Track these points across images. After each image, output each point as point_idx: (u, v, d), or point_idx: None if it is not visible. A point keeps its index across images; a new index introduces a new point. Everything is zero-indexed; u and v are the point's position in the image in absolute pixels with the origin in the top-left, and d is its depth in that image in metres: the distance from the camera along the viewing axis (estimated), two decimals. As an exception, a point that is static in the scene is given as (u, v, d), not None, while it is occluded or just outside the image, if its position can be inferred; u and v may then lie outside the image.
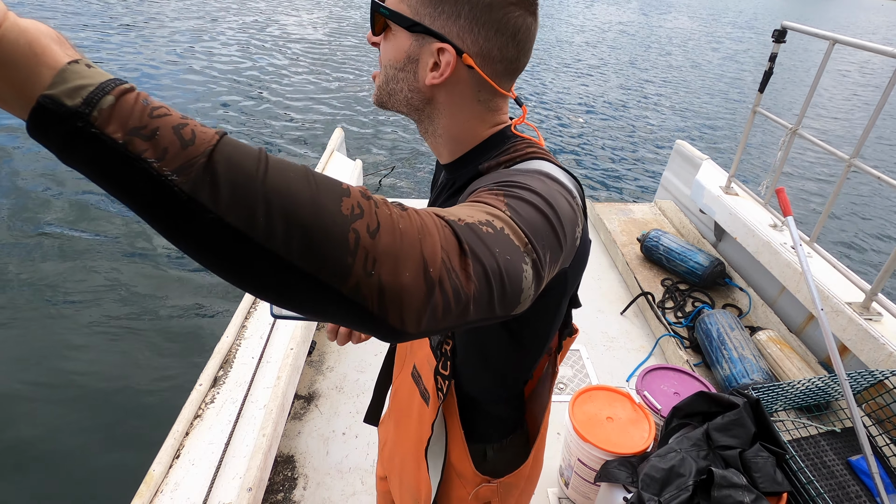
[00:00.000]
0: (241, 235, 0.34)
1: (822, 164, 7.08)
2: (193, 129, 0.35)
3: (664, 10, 28.35)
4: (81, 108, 0.32)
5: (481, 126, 0.72)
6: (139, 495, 1.44)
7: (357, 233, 0.37)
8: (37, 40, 0.33)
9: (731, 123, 8.71)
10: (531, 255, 0.48)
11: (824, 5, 64.27)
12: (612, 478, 1.28)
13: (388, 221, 0.38)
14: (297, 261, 0.35)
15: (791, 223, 1.78)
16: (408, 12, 0.64)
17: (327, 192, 0.37)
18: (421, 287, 0.38)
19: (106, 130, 0.32)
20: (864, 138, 2.01)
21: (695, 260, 2.64)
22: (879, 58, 16.13)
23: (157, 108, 0.35)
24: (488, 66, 0.65)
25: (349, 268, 0.36)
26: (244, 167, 0.35)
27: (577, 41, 15.13)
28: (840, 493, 1.38)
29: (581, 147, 6.93)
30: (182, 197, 0.33)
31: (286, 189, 0.36)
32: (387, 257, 0.37)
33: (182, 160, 0.33)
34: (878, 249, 5.16)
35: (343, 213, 0.37)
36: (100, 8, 10.97)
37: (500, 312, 0.46)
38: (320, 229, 0.36)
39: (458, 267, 0.41)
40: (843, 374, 1.40)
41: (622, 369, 2.20)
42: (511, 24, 0.63)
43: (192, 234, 0.35)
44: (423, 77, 0.66)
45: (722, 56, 15.24)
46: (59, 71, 0.33)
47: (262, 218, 0.35)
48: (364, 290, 0.37)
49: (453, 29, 0.63)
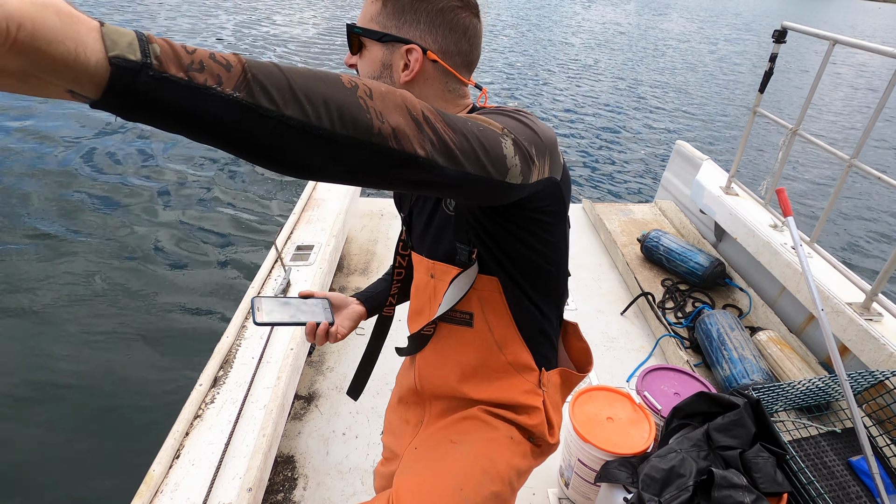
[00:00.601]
0: (301, 123, 0.44)
1: (822, 164, 7.08)
2: (221, 54, 0.41)
3: (662, 11, 28.36)
4: (144, 60, 0.36)
5: (452, 109, 0.84)
6: (139, 495, 1.44)
7: (363, 98, 0.48)
8: (60, 9, 0.34)
9: (732, 124, 8.70)
10: (509, 135, 0.62)
11: (822, 7, 64.30)
12: (613, 478, 1.28)
13: (374, 85, 0.51)
14: (340, 130, 0.46)
15: (791, 223, 1.78)
16: (377, 27, 0.78)
17: (330, 78, 0.48)
18: (412, 124, 0.52)
19: (171, 72, 0.37)
20: (864, 138, 2.01)
21: (695, 260, 2.64)
22: (877, 59, 16.15)
23: (183, 45, 0.40)
24: (449, 59, 0.80)
25: (370, 121, 0.48)
26: (273, 73, 0.43)
27: (575, 42, 15.12)
28: (840, 493, 1.38)
29: (581, 147, 6.93)
30: (252, 107, 0.41)
31: (308, 82, 0.45)
32: (385, 108, 0.50)
33: (235, 80, 0.41)
34: (879, 250, 5.15)
35: (347, 87, 0.48)
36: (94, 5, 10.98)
37: (494, 174, 0.59)
38: (345, 104, 0.47)
39: (434, 118, 0.54)
40: (843, 375, 1.40)
41: (622, 369, 2.20)
42: (461, 24, 0.78)
43: (265, 138, 0.43)
44: (397, 78, 0.79)
45: (721, 57, 15.25)
46: (102, 34, 0.35)
47: (308, 106, 0.44)
48: (384, 132, 0.49)
49: (416, 33, 0.77)
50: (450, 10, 0.77)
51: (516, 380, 0.95)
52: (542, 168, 0.71)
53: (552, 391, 0.98)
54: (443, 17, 0.77)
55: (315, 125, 0.44)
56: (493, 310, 0.89)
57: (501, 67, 10.84)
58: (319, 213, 2.97)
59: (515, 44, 13.71)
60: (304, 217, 2.99)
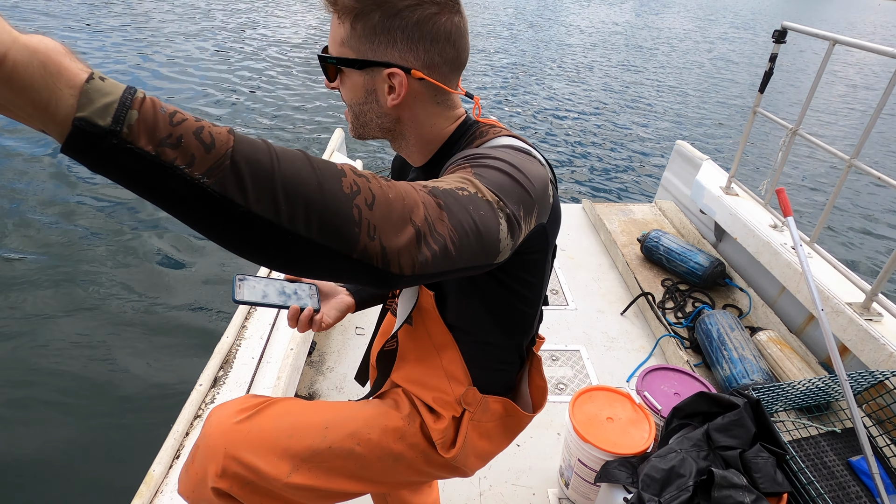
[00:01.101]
0: (268, 222, 0.40)
1: (822, 164, 7.08)
2: (210, 131, 0.38)
3: (660, 10, 28.37)
4: (113, 127, 0.35)
5: (445, 122, 0.81)
6: (139, 495, 1.44)
7: (359, 207, 0.44)
8: (49, 59, 0.33)
9: (732, 124, 8.70)
10: (504, 210, 0.57)
11: (821, 5, 64.34)
12: (613, 478, 1.28)
13: (381, 193, 0.46)
14: (316, 237, 0.42)
15: (791, 223, 1.78)
16: (352, 54, 0.72)
17: (329, 176, 0.43)
18: (412, 240, 0.46)
19: (138, 144, 0.35)
20: (864, 138, 2.01)
21: (695, 260, 2.64)
22: (874, 59, 16.15)
23: (174, 113, 0.38)
24: (436, 73, 0.74)
25: (357, 236, 0.44)
26: (261, 162, 0.40)
27: (574, 42, 15.12)
28: (840, 493, 1.38)
29: (581, 147, 6.93)
30: (215, 196, 0.38)
31: (298, 178, 0.41)
32: (384, 223, 0.45)
33: (209, 163, 0.37)
34: (879, 250, 5.15)
35: (345, 192, 0.43)
36: (88, 10, 10.97)
37: (483, 261, 0.55)
38: (332, 209, 0.42)
39: (437, 219, 0.49)
40: (843, 375, 1.40)
41: (622, 370, 2.20)
42: (442, 31, 0.71)
43: (225, 227, 0.39)
44: (384, 102, 0.74)
45: (721, 56, 15.24)
46: (81, 90, 0.34)
47: (285, 207, 0.40)
48: (370, 251, 0.44)
49: (394, 53, 0.71)
50: (426, 20, 0.69)
51: (444, 384, 0.95)
52: (529, 225, 0.66)
53: (484, 416, 0.96)
54: (420, 30, 0.70)
55: (285, 228, 0.40)
56: (431, 320, 0.90)
57: (500, 67, 10.84)
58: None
59: (515, 43, 13.71)
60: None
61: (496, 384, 0.97)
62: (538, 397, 1.04)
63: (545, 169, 0.71)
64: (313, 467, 0.94)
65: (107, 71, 7.26)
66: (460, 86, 0.82)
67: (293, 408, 0.98)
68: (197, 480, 0.94)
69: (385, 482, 1.02)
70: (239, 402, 0.95)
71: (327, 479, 0.95)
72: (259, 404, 0.95)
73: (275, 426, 0.95)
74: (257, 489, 0.93)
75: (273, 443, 0.94)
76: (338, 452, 0.94)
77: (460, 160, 0.63)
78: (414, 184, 0.50)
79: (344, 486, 0.97)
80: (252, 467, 0.92)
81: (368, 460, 0.96)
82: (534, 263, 0.80)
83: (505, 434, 1.01)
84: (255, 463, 0.92)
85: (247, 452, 0.92)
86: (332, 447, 0.93)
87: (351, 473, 0.96)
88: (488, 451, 1.01)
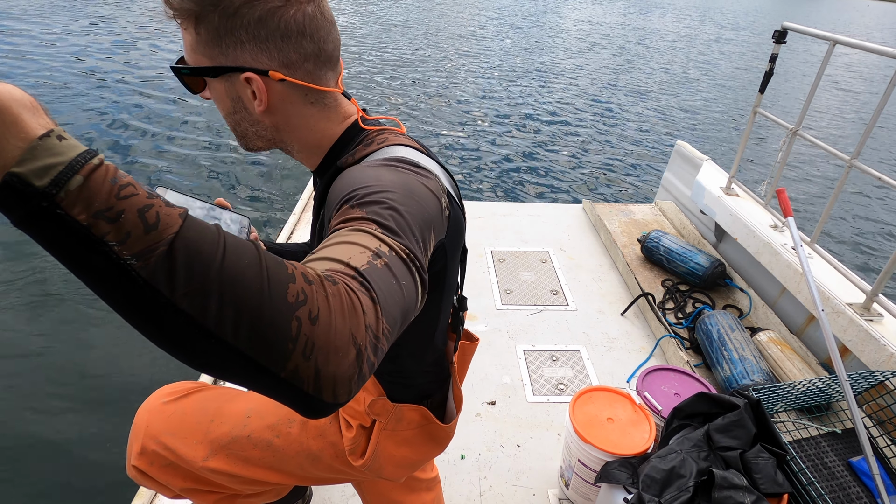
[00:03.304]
0: (192, 320, 0.35)
1: (822, 164, 7.08)
2: (158, 211, 0.35)
3: (657, 9, 28.37)
4: (48, 189, 0.32)
5: (329, 124, 0.75)
6: (139, 495, 1.44)
7: (300, 321, 0.38)
8: (7, 109, 0.32)
9: (732, 124, 8.70)
10: (414, 263, 0.52)
11: (814, 7, 64.33)
12: (613, 479, 1.28)
13: (325, 307, 0.40)
14: (242, 346, 0.36)
15: (791, 224, 1.78)
16: (205, 59, 0.66)
17: (276, 281, 0.38)
18: (353, 365, 0.40)
19: (71, 213, 0.32)
20: (864, 139, 2.01)
21: (695, 261, 2.64)
22: (871, 59, 16.15)
23: (125, 186, 0.34)
24: (298, 71, 0.67)
25: (289, 353, 0.37)
26: (202, 257, 0.36)
27: (574, 42, 15.12)
28: (841, 494, 1.38)
29: (581, 148, 6.93)
30: (139, 282, 0.33)
31: (239, 279, 0.37)
32: (325, 342, 0.39)
33: (143, 245, 0.33)
34: (879, 250, 5.15)
35: (288, 301, 0.38)
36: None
37: (405, 327, 0.51)
38: (267, 319, 0.37)
39: (375, 325, 0.43)
40: (843, 375, 1.40)
41: (622, 370, 2.20)
42: (292, 24, 0.64)
43: (142, 314, 0.35)
44: (253, 110, 0.69)
45: (720, 56, 15.25)
46: (29, 147, 0.32)
47: (214, 307, 0.35)
48: (302, 372, 0.38)
49: (245, 56, 0.64)
50: (269, 15, 0.63)
51: (358, 393, 0.93)
52: (429, 253, 0.60)
53: (399, 425, 0.93)
54: (265, 26, 0.63)
55: (210, 329, 0.35)
56: None
57: (499, 67, 10.84)
58: (319, 214, 2.96)
59: (514, 42, 13.72)
60: (305, 217, 2.99)
61: (409, 394, 0.93)
62: (457, 407, 1.01)
63: (434, 182, 0.65)
64: (231, 454, 0.95)
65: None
66: (340, 83, 0.74)
67: (223, 394, 0.98)
68: (128, 458, 0.97)
69: (304, 477, 1.01)
70: (175, 385, 0.97)
71: (244, 467, 0.95)
72: (192, 388, 0.96)
73: (199, 409, 0.96)
74: (177, 470, 0.95)
75: (193, 426, 0.95)
76: (256, 442, 0.94)
77: (345, 201, 0.57)
78: (345, 276, 0.45)
79: (261, 475, 0.97)
80: (170, 448, 0.93)
81: (286, 454, 0.96)
82: (437, 276, 0.75)
83: (430, 441, 0.98)
84: (174, 444, 0.93)
85: (167, 433, 0.94)
86: (251, 436, 0.94)
87: (268, 465, 0.96)
88: (412, 459, 0.98)
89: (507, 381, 2.08)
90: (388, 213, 0.55)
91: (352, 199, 0.57)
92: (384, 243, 0.51)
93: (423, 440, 0.97)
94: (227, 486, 1.00)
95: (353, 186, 0.59)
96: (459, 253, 0.81)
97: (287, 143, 0.77)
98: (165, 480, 0.97)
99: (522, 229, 3.18)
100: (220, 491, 1.02)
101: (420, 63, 10.37)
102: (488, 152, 6.43)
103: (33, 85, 6.51)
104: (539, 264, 2.88)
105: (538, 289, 2.68)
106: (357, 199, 0.56)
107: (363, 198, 0.56)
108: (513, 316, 2.46)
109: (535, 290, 2.67)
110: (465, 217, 0.79)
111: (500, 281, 2.71)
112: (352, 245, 0.49)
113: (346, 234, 0.51)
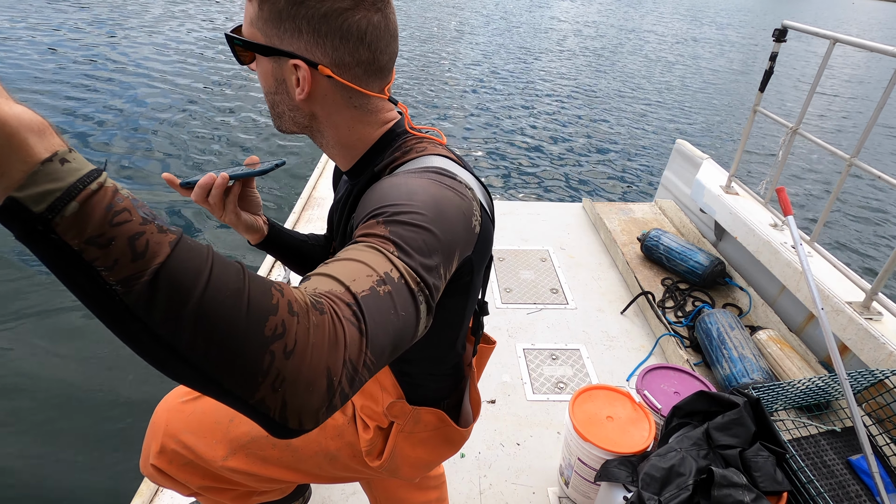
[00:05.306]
0: (166, 343, 0.37)
1: (822, 163, 7.08)
2: (149, 239, 0.36)
3: (656, 10, 28.33)
4: (44, 214, 0.33)
5: (368, 128, 0.75)
6: (139, 495, 1.44)
7: (273, 354, 0.39)
8: (16, 133, 0.33)
9: (732, 123, 8.70)
10: (423, 292, 0.52)
11: (796, 5, 64.24)
12: (613, 477, 1.28)
13: (304, 339, 0.40)
14: (212, 372, 0.38)
15: (791, 222, 1.78)
16: (261, 38, 0.67)
17: (255, 313, 0.39)
18: (322, 398, 0.41)
19: (64, 238, 0.34)
20: (864, 138, 2.01)
21: (695, 259, 2.64)
22: (867, 59, 16.13)
23: (120, 212, 0.35)
24: (346, 73, 0.68)
25: (258, 385, 0.39)
26: (184, 289, 0.37)
27: (574, 42, 15.11)
28: (840, 492, 1.38)
29: (581, 147, 6.93)
30: (119, 305, 0.35)
31: (218, 312, 0.38)
32: (294, 377, 0.40)
33: (128, 272, 0.35)
34: (879, 249, 5.15)
35: (265, 334, 0.39)
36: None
37: (398, 355, 0.51)
38: (239, 352, 0.38)
39: (357, 357, 0.44)
40: (843, 374, 1.40)
41: (622, 369, 2.20)
42: (354, 29, 0.65)
43: (123, 333, 0.37)
44: (294, 95, 0.69)
45: (720, 56, 15.23)
46: (31, 172, 0.33)
47: (188, 335, 0.37)
48: (269, 402, 0.40)
49: (300, 44, 0.65)
50: (336, 14, 0.63)
51: (376, 393, 0.94)
52: (451, 270, 0.61)
53: (417, 427, 0.94)
54: (328, 23, 0.64)
55: (183, 354, 0.37)
56: None
57: (497, 66, 10.83)
58: (320, 213, 2.97)
59: (513, 41, 13.70)
60: (304, 216, 2.99)
61: (428, 396, 0.94)
62: (474, 410, 1.02)
63: (469, 198, 0.65)
64: (250, 454, 0.95)
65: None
66: (387, 90, 0.74)
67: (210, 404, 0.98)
68: (145, 457, 0.97)
69: (321, 476, 1.01)
70: None
71: (262, 466, 0.96)
72: None
73: (218, 408, 0.96)
74: (196, 468, 0.95)
75: (213, 425, 0.95)
76: (274, 442, 0.95)
77: (373, 215, 0.58)
78: (339, 303, 0.45)
79: (279, 474, 0.98)
80: (189, 446, 0.93)
81: (305, 454, 0.96)
82: (463, 287, 0.76)
83: (445, 443, 0.99)
84: (193, 443, 0.93)
85: (186, 432, 0.94)
86: (269, 436, 0.93)
87: (286, 464, 0.97)
88: (427, 460, 0.99)
89: (507, 380, 2.08)
90: (410, 235, 0.55)
91: (380, 216, 0.57)
92: (396, 268, 0.51)
93: (440, 442, 0.98)
94: (244, 484, 1.01)
95: (384, 201, 0.59)
96: (486, 263, 0.81)
97: (322, 136, 0.76)
98: (184, 479, 0.97)
99: (522, 228, 3.18)
100: (236, 488, 1.03)
101: (417, 59, 10.36)
102: (488, 151, 6.44)
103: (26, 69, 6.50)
104: (539, 263, 2.88)
105: (538, 287, 2.68)
106: (385, 216, 0.57)
107: (391, 216, 0.56)
108: (512, 314, 2.46)
109: (534, 288, 2.67)
110: (494, 227, 0.79)
111: (500, 279, 2.71)
112: (361, 265, 0.50)
113: (361, 251, 0.52)
